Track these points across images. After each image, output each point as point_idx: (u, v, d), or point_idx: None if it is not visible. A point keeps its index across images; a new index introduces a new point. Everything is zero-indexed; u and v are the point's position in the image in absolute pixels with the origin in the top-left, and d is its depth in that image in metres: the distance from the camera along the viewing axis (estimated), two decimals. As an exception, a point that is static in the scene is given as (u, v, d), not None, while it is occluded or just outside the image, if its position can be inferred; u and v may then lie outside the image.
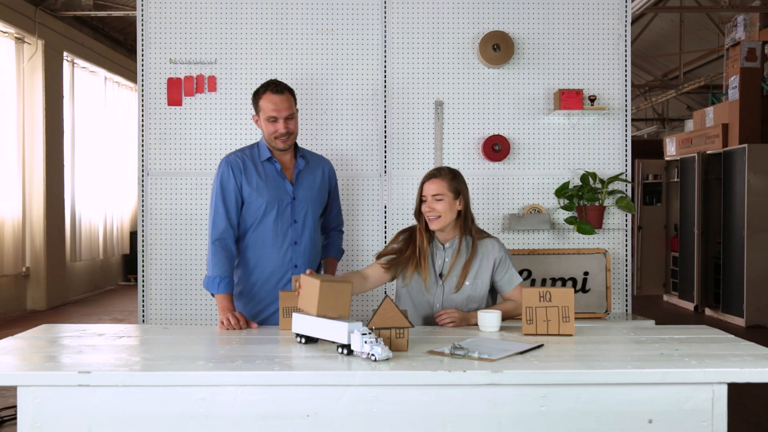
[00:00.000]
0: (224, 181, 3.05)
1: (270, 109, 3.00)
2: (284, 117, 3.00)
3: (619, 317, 3.89)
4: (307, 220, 3.12)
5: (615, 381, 2.09)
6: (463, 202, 2.92)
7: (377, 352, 2.19)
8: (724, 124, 8.39)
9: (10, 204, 8.30)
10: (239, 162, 3.07)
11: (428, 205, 2.88)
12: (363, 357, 2.22)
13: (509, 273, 2.96)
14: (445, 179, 2.89)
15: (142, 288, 3.84)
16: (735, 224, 7.93)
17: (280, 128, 3.00)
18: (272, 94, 3.00)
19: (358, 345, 2.23)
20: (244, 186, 3.05)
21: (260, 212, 3.05)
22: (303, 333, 2.45)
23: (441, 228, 2.89)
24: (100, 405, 2.05)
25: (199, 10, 3.87)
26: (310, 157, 3.23)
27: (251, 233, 3.07)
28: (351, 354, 2.26)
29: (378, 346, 2.20)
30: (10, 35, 8.38)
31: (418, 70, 3.92)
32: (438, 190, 2.87)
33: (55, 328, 2.76)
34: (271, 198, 3.05)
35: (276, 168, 3.09)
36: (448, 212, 2.87)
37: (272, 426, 2.06)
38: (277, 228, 3.06)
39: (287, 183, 3.10)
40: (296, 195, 3.10)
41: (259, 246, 3.07)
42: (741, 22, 8.64)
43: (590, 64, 3.94)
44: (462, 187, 2.93)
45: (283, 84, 3.05)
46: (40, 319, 7.85)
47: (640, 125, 17.20)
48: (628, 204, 3.89)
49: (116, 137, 11.00)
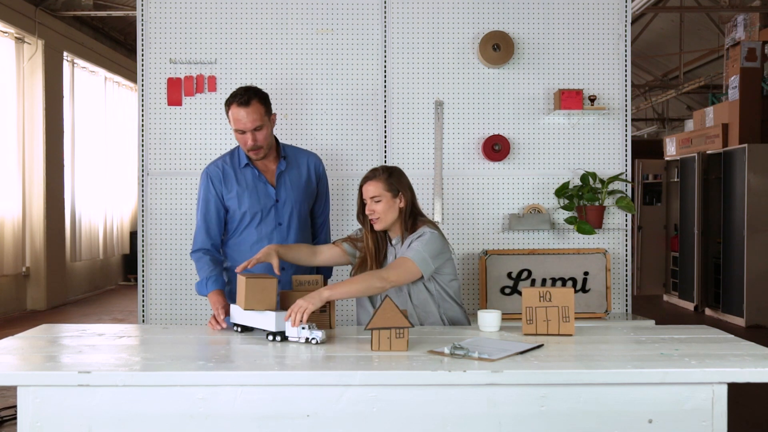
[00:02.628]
0: (205, 195, 3.06)
1: (236, 125, 2.94)
2: (251, 129, 2.94)
3: (619, 317, 3.89)
4: (293, 222, 3.11)
5: (615, 381, 2.09)
6: (404, 199, 2.86)
7: (318, 336, 2.40)
8: (724, 124, 8.39)
9: (10, 204, 8.30)
10: (218, 171, 3.06)
11: (369, 208, 2.84)
12: (302, 342, 2.43)
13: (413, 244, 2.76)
14: (380, 180, 2.83)
15: (142, 288, 3.84)
16: (735, 224, 7.93)
17: (248, 141, 2.95)
18: (237, 107, 2.91)
19: (293, 331, 2.44)
20: (225, 196, 3.05)
21: (245, 219, 3.06)
22: (239, 323, 2.67)
23: (383, 228, 2.86)
24: (100, 405, 2.05)
25: (199, 10, 3.87)
26: (293, 154, 3.17)
27: (236, 238, 3.09)
28: (285, 340, 2.48)
29: (318, 331, 2.41)
30: (10, 35, 8.38)
31: (418, 70, 3.92)
32: (375, 192, 2.82)
33: (55, 328, 2.76)
34: (252, 204, 3.04)
35: (255, 173, 3.06)
36: (388, 212, 2.83)
37: (272, 426, 2.06)
38: (261, 232, 3.07)
39: (269, 187, 3.07)
40: (279, 197, 3.08)
41: (246, 250, 3.06)
42: (741, 22, 8.64)
43: (590, 64, 3.95)
44: (401, 184, 2.86)
45: (250, 93, 2.94)
46: (40, 319, 7.85)
47: (640, 125, 17.20)
48: (628, 204, 3.89)
49: (116, 137, 11.00)
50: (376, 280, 2.65)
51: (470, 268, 3.93)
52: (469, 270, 3.93)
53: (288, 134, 3.87)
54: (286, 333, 2.48)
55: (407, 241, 2.82)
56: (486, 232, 3.94)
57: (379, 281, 2.64)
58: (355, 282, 2.66)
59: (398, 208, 2.86)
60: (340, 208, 3.88)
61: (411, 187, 2.92)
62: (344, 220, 3.87)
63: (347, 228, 3.83)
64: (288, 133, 3.88)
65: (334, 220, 3.87)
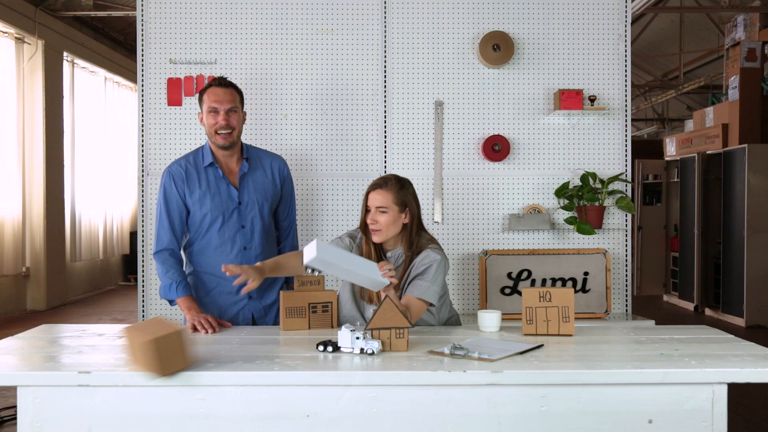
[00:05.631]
0: (167, 193, 2.99)
1: (211, 100, 2.93)
2: (225, 109, 2.92)
3: (619, 317, 3.89)
4: (256, 225, 3.03)
5: (615, 381, 2.09)
6: (410, 215, 2.74)
7: (375, 347, 2.22)
8: (724, 124, 8.39)
9: (10, 204, 8.30)
10: (181, 171, 3.00)
11: (371, 217, 2.72)
12: (356, 353, 2.24)
13: (419, 281, 2.67)
14: (391, 190, 2.71)
15: (142, 288, 3.84)
16: (735, 224, 7.93)
17: (220, 120, 2.92)
18: (216, 87, 2.95)
19: (347, 342, 2.26)
20: (187, 196, 2.98)
21: (205, 221, 2.98)
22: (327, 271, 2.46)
23: (382, 241, 2.75)
24: (100, 405, 2.05)
25: (199, 10, 3.87)
26: (257, 155, 3.11)
27: (199, 241, 3.02)
28: (337, 351, 2.29)
29: (375, 341, 2.23)
30: (10, 35, 8.38)
31: (418, 70, 3.92)
32: (383, 202, 2.69)
33: (55, 328, 2.76)
34: (214, 206, 2.97)
35: (219, 173, 3.01)
36: (391, 226, 2.71)
37: (272, 426, 2.06)
38: (224, 235, 2.99)
39: (232, 188, 3.01)
40: (242, 199, 3.02)
41: (209, 254, 3.00)
42: (741, 22, 8.64)
43: (590, 64, 3.95)
44: (409, 198, 2.74)
45: (229, 81, 3.00)
46: (40, 319, 7.85)
47: (640, 125, 17.20)
48: (628, 204, 3.89)
49: (116, 137, 11.00)
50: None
51: (470, 268, 3.93)
52: (469, 270, 3.93)
53: (288, 134, 3.88)
54: (338, 344, 2.29)
55: (414, 269, 2.70)
56: (486, 232, 3.94)
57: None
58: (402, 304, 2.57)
59: (402, 224, 2.75)
60: (340, 207, 3.88)
61: (418, 201, 2.82)
62: (344, 219, 3.87)
63: (347, 227, 3.83)
64: (288, 132, 3.88)
65: (334, 219, 3.87)
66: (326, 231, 3.88)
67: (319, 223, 3.88)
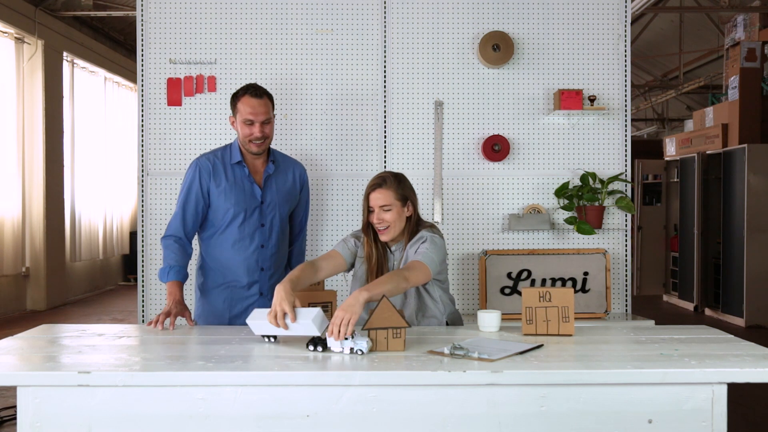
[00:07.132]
0: (190, 185, 3.07)
1: (247, 112, 3.00)
2: (261, 121, 3.01)
3: (619, 317, 3.89)
4: (275, 224, 3.14)
5: (615, 381, 2.09)
6: (412, 207, 2.81)
7: (364, 347, 2.24)
8: (724, 124, 8.39)
9: (10, 204, 8.30)
10: (209, 165, 3.09)
11: (377, 216, 2.75)
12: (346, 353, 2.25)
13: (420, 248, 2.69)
14: (391, 188, 2.76)
15: (141, 288, 3.84)
16: (735, 224, 7.93)
17: (255, 132, 3.01)
18: (251, 98, 3.00)
19: (336, 342, 2.27)
20: (212, 189, 3.07)
21: (227, 216, 3.07)
22: (269, 334, 2.46)
23: (391, 239, 2.79)
24: (100, 405, 2.05)
25: (199, 10, 3.87)
26: (282, 160, 3.24)
27: (219, 235, 3.10)
28: (326, 350, 2.30)
29: (363, 340, 2.24)
30: (10, 35, 8.38)
31: (418, 70, 3.92)
32: (385, 201, 2.74)
33: (55, 328, 2.76)
34: (237, 202, 3.06)
35: (245, 172, 3.10)
36: (397, 221, 2.76)
37: (272, 426, 2.06)
38: (244, 231, 3.09)
39: (256, 187, 3.11)
40: (264, 199, 3.12)
41: (227, 247, 3.10)
42: (741, 22, 8.64)
43: (590, 64, 3.95)
44: (408, 191, 2.80)
45: (262, 89, 3.05)
46: (40, 319, 7.85)
47: (640, 125, 17.21)
48: (627, 204, 3.89)
49: (116, 137, 11.00)
50: (401, 280, 2.51)
51: (470, 268, 3.93)
52: (469, 270, 3.93)
53: (288, 134, 3.88)
54: (327, 343, 2.31)
55: (412, 247, 2.74)
56: (486, 232, 3.94)
57: (404, 281, 2.52)
58: (385, 282, 2.47)
59: (406, 217, 2.80)
60: (340, 207, 3.88)
61: (414, 191, 2.88)
62: (344, 219, 3.87)
63: (348, 227, 3.84)
64: (288, 133, 3.88)
65: (334, 219, 3.87)
66: (326, 231, 3.88)
67: (319, 223, 3.88)
